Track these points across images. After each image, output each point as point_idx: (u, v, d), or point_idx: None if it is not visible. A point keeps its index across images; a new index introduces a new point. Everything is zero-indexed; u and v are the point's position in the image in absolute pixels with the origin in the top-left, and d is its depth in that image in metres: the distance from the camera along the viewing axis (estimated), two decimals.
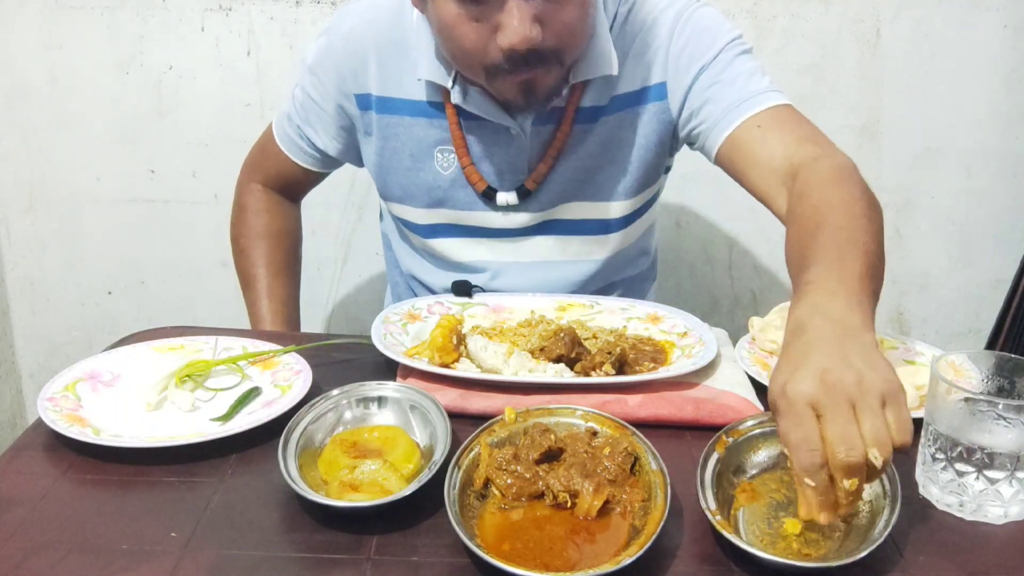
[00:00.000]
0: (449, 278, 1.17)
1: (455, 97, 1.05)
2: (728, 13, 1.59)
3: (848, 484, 0.62)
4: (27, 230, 1.76)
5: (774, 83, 1.06)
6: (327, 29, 1.14)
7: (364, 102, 1.13)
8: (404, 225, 1.21)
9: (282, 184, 1.28)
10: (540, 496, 0.72)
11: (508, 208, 1.12)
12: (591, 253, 1.17)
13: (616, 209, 1.14)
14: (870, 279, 0.75)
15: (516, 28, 0.89)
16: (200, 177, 1.70)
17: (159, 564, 0.65)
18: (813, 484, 0.63)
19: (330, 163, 1.25)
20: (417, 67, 1.07)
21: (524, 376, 0.90)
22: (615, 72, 1.05)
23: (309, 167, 1.24)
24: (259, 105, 1.65)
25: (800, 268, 0.79)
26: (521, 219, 1.14)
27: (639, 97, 1.09)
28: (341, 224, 1.75)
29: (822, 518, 0.64)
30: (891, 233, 1.76)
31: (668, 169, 1.21)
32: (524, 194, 1.11)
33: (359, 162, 1.22)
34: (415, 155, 1.12)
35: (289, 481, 0.71)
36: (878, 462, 0.61)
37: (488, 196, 1.11)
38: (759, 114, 1.02)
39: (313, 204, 1.42)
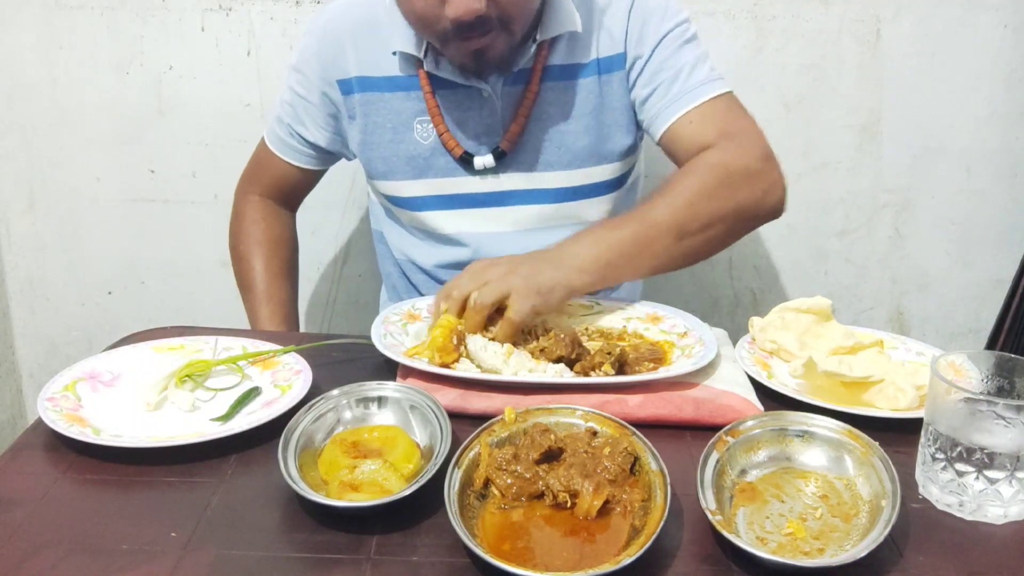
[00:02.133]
0: (438, 252, 1.23)
1: (428, 65, 1.11)
2: (728, 13, 1.59)
3: (443, 305, 0.96)
4: (27, 230, 1.76)
5: (714, 70, 1.13)
6: (308, 30, 1.21)
7: (346, 86, 1.17)
8: (390, 201, 1.24)
9: (279, 191, 1.32)
10: (540, 496, 0.72)
11: (486, 172, 1.16)
12: (572, 220, 1.20)
13: (594, 174, 1.18)
14: (632, 243, 0.99)
15: (461, 1, 0.94)
16: (200, 177, 1.70)
17: (159, 564, 0.65)
18: (434, 304, 0.97)
19: (323, 158, 1.28)
20: (390, 42, 1.12)
21: (524, 376, 0.90)
22: (579, 28, 1.10)
23: (303, 165, 1.28)
24: (259, 105, 1.65)
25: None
26: (501, 183, 1.18)
27: (607, 64, 1.14)
28: (341, 224, 1.75)
29: (437, 346, 0.92)
30: (891, 233, 1.77)
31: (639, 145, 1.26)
32: (500, 156, 1.15)
33: (348, 151, 1.26)
34: (396, 128, 1.17)
35: (289, 481, 0.71)
36: (473, 301, 0.93)
37: (466, 161, 1.15)
38: (692, 110, 1.11)
39: (313, 204, 1.42)
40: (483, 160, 1.15)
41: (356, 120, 1.19)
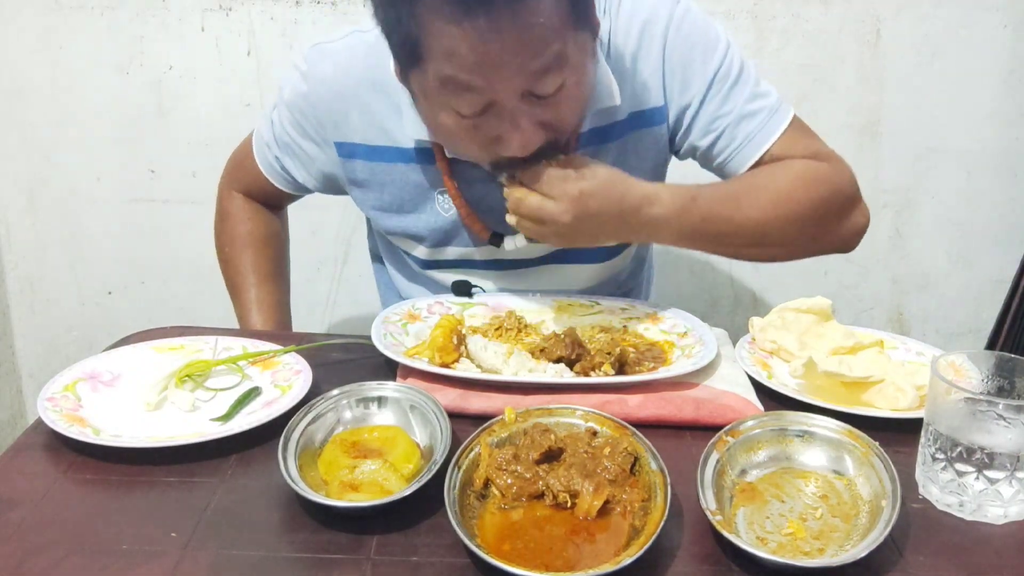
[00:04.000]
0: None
1: (449, 152, 1.02)
2: (728, 13, 1.59)
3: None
4: (27, 230, 1.76)
5: (770, 92, 1.06)
6: (305, 72, 1.06)
7: (347, 151, 1.08)
8: (405, 255, 1.18)
9: (262, 197, 1.26)
10: (540, 496, 0.72)
11: (517, 251, 1.07)
12: (598, 276, 1.16)
13: None
14: (715, 235, 0.97)
15: (523, 140, 0.88)
16: (200, 177, 1.70)
17: (159, 564, 0.65)
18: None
19: (308, 191, 1.21)
20: (402, 116, 1.02)
21: (524, 376, 0.90)
22: (617, 102, 1.01)
23: (288, 191, 1.21)
24: (259, 105, 1.65)
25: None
26: (529, 252, 1.10)
27: (640, 121, 1.05)
28: (341, 224, 1.75)
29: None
30: (891, 233, 1.77)
31: None
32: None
33: (340, 194, 1.18)
34: (414, 200, 1.09)
35: (289, 481, 0.71)
36: (513, 210, 0.94)
37: (495, 243, 1.07)
38: (774, 145, 1.03)
39: (313, 204, 1.41)
40: (514, 241, 1.04)
41: (366, 187, 1.10)
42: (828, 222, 1.02)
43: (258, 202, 1.28)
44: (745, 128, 1.03)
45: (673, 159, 1.14)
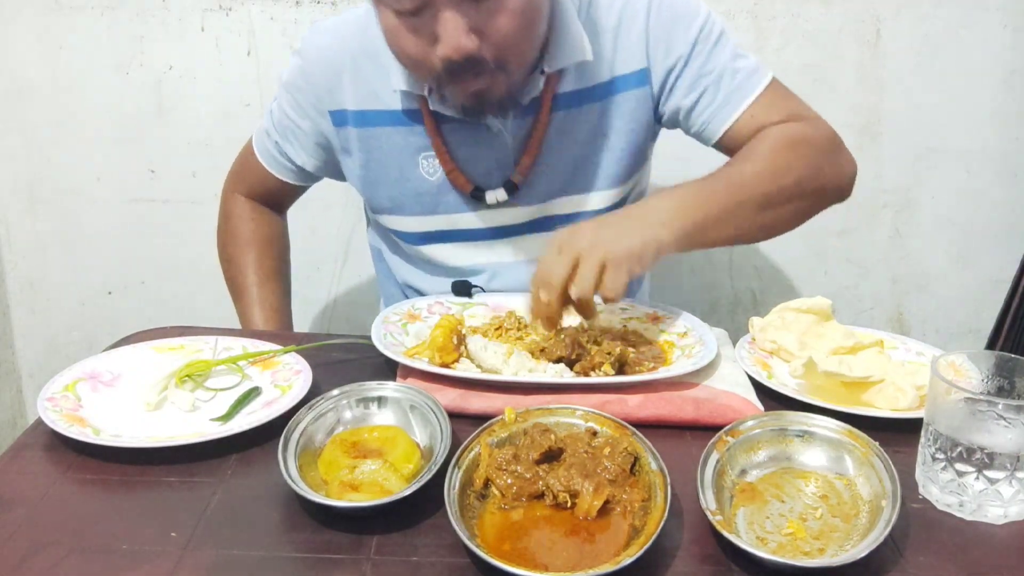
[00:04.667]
0: (446, 284, 1.16)
1: (433, 103, 1.05)
2: (728, 13, 1.59)
3: (543, 296, 0.89)
4: (27, 230, 1.76)
5: (750, 58, 1.09)
6: (300, 49, 1.13)
7: (340, 118, 1.12)
8: (396, 235, 1.20)
9: (265, 196, 1.29)
10: (540, 496, 0.72)
11: (499, 205, 1.12)
12: None
13: (607, 198, 1.14)
14: (718, 214, 0.95)
15: (451, 39, 0.90)
16: (200, 177, 1.70)
17: (159, 564, 0.65)
18: (535, 312, 0.91)
19: (309, 177, 1.25)
20: (390, 74, 1.06)
21: (524, 376, 0.90)
22: (589, 58, 1.05)
23: (289, 180, 1.24)
24: (259, 105, 1.65)
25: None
26: (514, 215, 1.14)
27: (623, 83, 1.09)
28: (341, 224, 1.75)
29: (538, 325, 0.93)
30: (891, 233, 1.77)
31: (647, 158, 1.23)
32: (512, 189, 1.10)
33: (339, 177, 1.22)
34: (400, 165, 1.12)
35: (289, 481, 0.71)
36: (575, 295, 0.89)
37: (477, 197, 1.11)
38: (753, 104, 1.07)
39: (313, 204, 1.42)
40: (495, 195, 1.10)
41: (353, 155, 1.14)
42: (819, 173, 1.03)
43: (261, 203, 1.29)
44: (727, 86, 1.07)
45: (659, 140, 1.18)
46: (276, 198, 1.29)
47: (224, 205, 1.31)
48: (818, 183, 1.04)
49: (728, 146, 1.09)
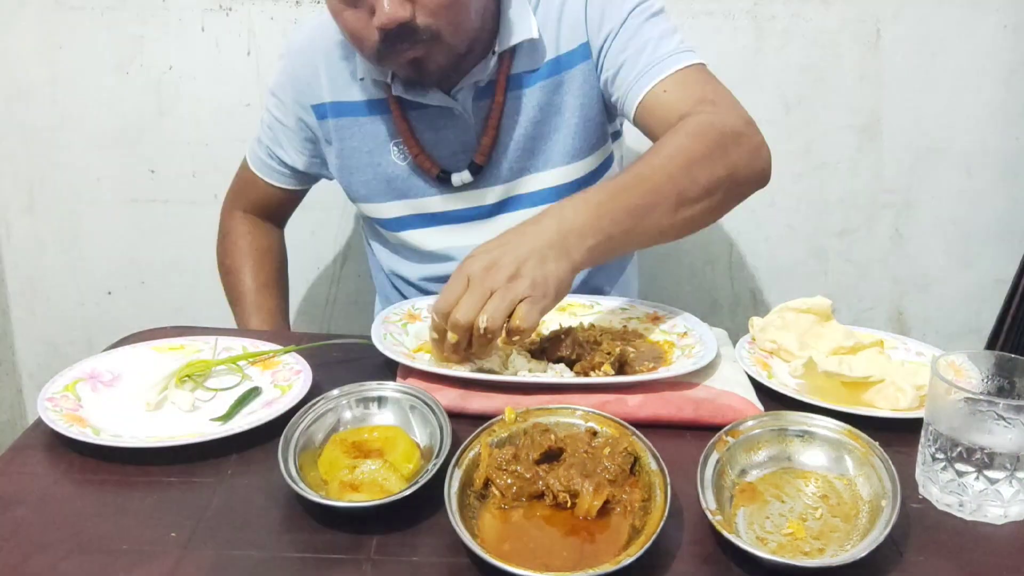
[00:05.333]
0: (424, 268, 1.22)
1: (396, 89, 1.10)
2: (728, 13, 1.59)
3: (450, 336, 0.84)
4: (27, 230, 1.76)
5: (684, 43, 1.10)
6: (283, 52, 1.20)
7: (321, 111, 1.17)
8: (375, 223, 1.25)
9: (263, 209, 1.32)
10: (540, 496, 0.72)
11: (465, 187, 1.16)
12: None
13: (568, 173, 1.17)
14: (633, 214, 0.91)
15: (386, 8, 0.94)
16: (200, 177, 1.70)
17: (159, 564, 0.65)
18: (435, 334, 0.87)
19: (302, 179, 1.28)
20: (360, 66, 1.12)
21: (524, 376, 0.90)
22: (535, 35, 1.09)
23: (284, 186, 1.28)
24: (259, 105, 1.64)
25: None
26: (481, 197, 1.17)
27: (569, 60, 1.13)
28: (341, 224, 1.75)
29: (443, 358, 0.88)
30: (891, 233, 1.76)
31: (618, 135, 1.25)
32: (476, 170, 1.14)
33: (328, 173, 1.26)
34: (372, 151, 1.17)
35: (289, 481, 0.71)
36: (481, 327, 0.82)
37: (444, 180, 1.15)
38: (665, 79, 1.06)
39: (313, 204, 1.42)
40: (460, 177, 1.15)
41: (332, 145, 1.19)
42: (722, 158, 0.98)
43: (259, 216, 1.33)
44: (646, 59, 1.07)
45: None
46: (273, 209, 1.33)
47: (223, 223, 1.34)
48: (731, 168, 0.99)
49: (643, 121, 1.08)
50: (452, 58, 1.04)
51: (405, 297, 1.29)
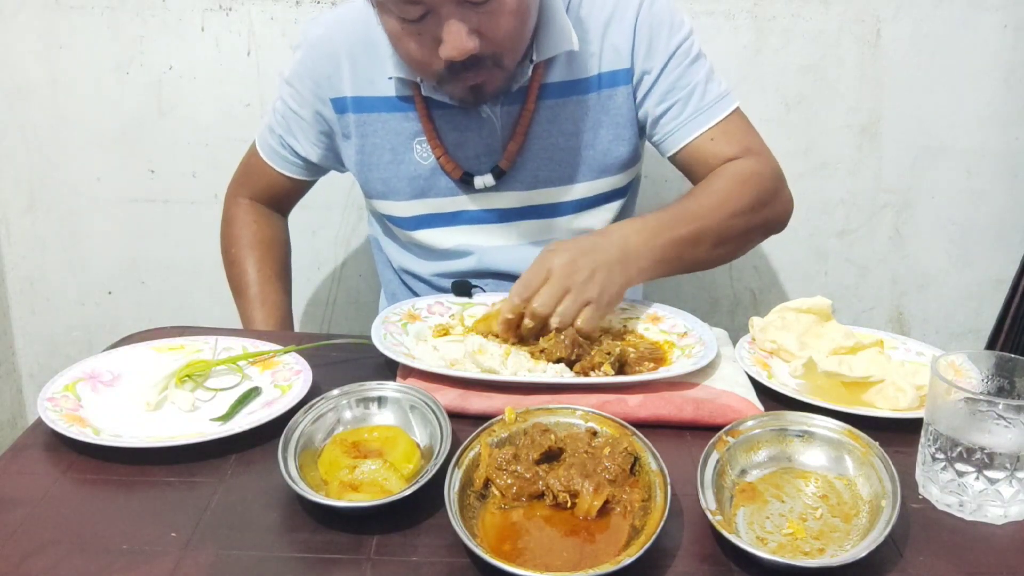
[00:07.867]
0: (437, 265, 1.22)
1: (426, 89, 1.10)
2: (728, 13, 1.59)
3: (526, 322, 0.95)
4: (27, 230, 1.76)
5: (722, 84, 1.15)
6: (299, 42, 1.18)
7: (340, 105, 1.16)
8: (389, 220, 1.24)
9: (269, 197, 1.31)
10: (540, 496, 0.72)
11: (487, 190, 1.16)
12: (574, 232, 1.19)
13: (595, 187, 1.18)
14: (681, 245, 1.02)
15: (455, 42, 0.95)
16: (200, 177, 1.70)
17: (159, 564, 0.65)
18: (509, 315, 0.95)
19: (313, 170, 1.28)
20: (386, 62, 1.11)
21: (524, 376, 0.90)
22: (575, 47, 1.09)
23: (293, 176, 1.27)
24: (259, 105, 1.65)
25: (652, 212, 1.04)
26: (502, 201, 1.17)
27: (610, 79, 1.14)
28: (341, 224, 1.75)
29: (500, 331, 0.96)
30: (891, 233, 1.76)
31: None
32: (500, 175, 1.14)
33: (341, 167, 1.25)
34: (394, 149, 1.16)
35: (289, 481, 0.71)
36: (553, 325, 0.94)
37: (466, 182, 1.15)
38: (714, 127, 1.13)
39: (313, 204, 1.42)
40: (483, 180, 1.14)
41: (351, 140, 1.18)
42: (762, 210, 1.10)
43: (264, 204, 1.32)
44: (695, 104, 1.13)
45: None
46: (279, 198, 1.32)
47: (227, 210, 1.33)
48: (765, 219, 1.11)
49: (682, 161, 1.15)
50: (509, 80, 1.06)
51: (415, 293, 1.28)
